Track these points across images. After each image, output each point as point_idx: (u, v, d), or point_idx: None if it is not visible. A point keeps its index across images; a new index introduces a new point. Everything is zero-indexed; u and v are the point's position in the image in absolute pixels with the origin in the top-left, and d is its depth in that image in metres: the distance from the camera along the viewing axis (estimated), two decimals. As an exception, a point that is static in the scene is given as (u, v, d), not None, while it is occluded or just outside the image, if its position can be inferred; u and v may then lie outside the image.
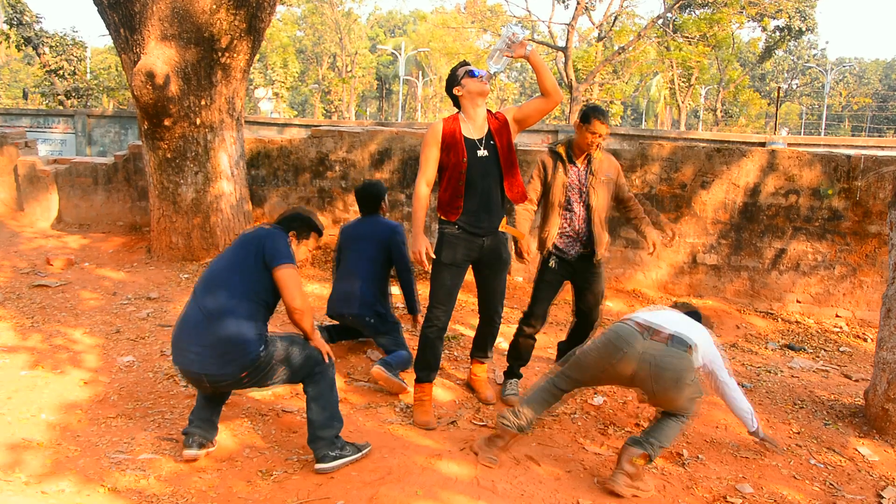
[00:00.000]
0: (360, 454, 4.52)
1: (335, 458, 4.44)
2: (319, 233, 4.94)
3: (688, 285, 9.27)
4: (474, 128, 5.23)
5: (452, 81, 5.27)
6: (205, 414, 4.64)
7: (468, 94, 5.22)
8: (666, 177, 9.18)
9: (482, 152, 5.19)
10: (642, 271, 9.41)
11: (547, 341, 7.34)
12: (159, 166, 9.30)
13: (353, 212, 10.11)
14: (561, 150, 5.83)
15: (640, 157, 9.26)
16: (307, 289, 8.33)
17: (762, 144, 19.28)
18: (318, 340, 4.58)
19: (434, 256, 5.24)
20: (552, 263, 5.89)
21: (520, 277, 9.46)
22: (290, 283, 4.38)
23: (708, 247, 9.17)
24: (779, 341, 8.24)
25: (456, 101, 5.30)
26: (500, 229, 5.33)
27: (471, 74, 5.21)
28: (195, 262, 9.28)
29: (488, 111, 5.33)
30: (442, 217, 5.30)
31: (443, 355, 6.49)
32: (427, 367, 5.44)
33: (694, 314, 5.17)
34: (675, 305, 5.21)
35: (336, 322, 6.69)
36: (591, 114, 5.64)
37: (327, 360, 4.55)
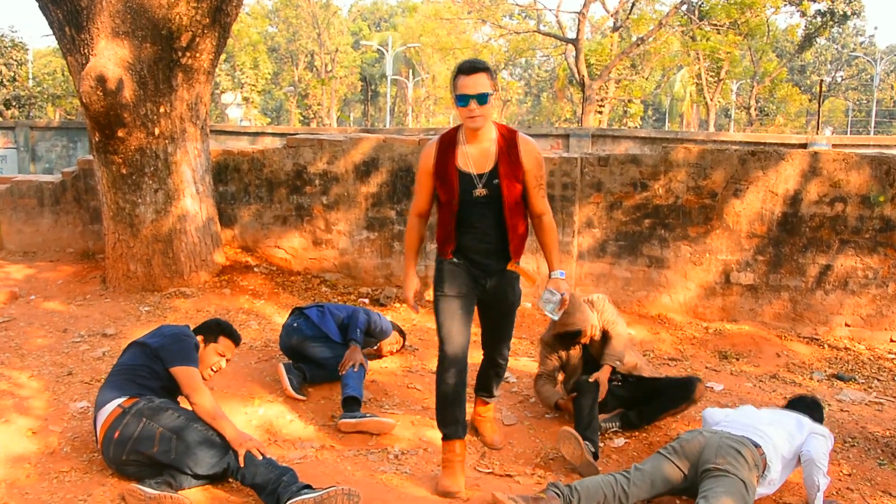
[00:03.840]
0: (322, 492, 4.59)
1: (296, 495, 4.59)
2: (233, 339, 5.61)
3: (720, 308, 9.31)
4: (474, 158, 5.04)
5: (451, 88, 5.03)
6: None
7: (459, 116, 5.00)
8: (693, 185, 9.23)
9: (479, 192, 5.03)
10: (668, 293, 9.45)
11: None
12: (113, 184, 9.29)
13: (335, 231, 10.16)
14: None
15: (663, 163, 9.32)
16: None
17: (803, 146, 19.37)
18: (240, 440, 4.87)
19: (424, 298, 5.11)
20: None
21: (528, 303, 9.49)
22: (189, 382, 5.08)
23: (743, 264, 9.21)
24: (825, 371, 8.27)
25: None
26: (508, 268, 5.25)
27: (458, 100, 4.92)
28: (157, 293, 9.27)
29: (501, 134, 5.09)
30: (438, 251, 5.32)
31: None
32: (454, 422, 5.16)
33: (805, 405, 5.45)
34: (793, 404, 5.51)
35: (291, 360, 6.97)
36: None
37: (254, 457, 4.81)
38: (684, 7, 33.52)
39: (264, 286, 9.53)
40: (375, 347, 7.54)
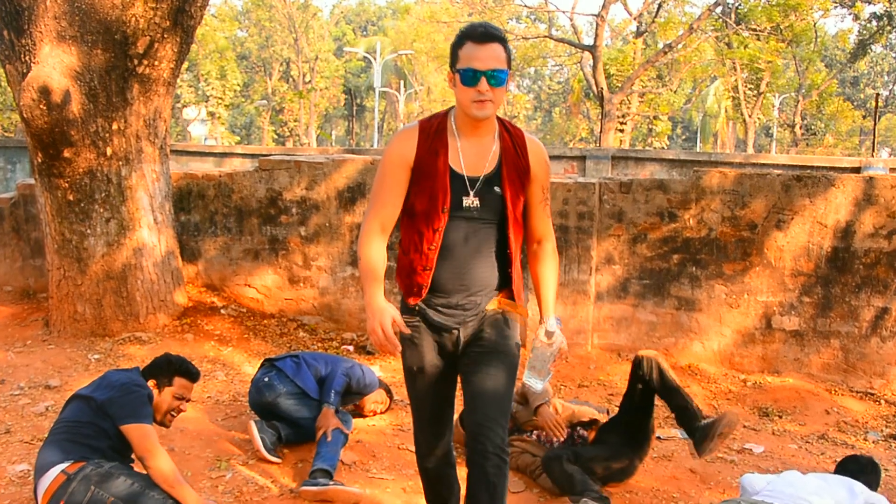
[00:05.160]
0: None
1: None
2: (190, 377, 5.57)
3: (760, 358, 9.33)
4: (468, 156, 4.38)
5: (451, 58, 4.34)
6: None
7: (458, 99, 4.32)
8: (730, 215, 9.27)
9: (471, 201, 4.36)
10: (700, 340, 9.47)
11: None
12: (59, 212, 9.29)
13: (315, 268, 10.19)
14: None
15: (694, 190, 9.36)
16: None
17: (856, 170, 19.42)
18: None
19: (406, 330, 4.39)
20: None
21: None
22: (142, 442, 5.03)
23: (786, 306, 9.24)
24: (882, 430, 8.27)
25: None
26: (489, 308, 4.52)
27: (464, 76, 4.19)
28: (108, 338, 9.26)
29: (504, 129, 4.46)
30: (402, 296, 4.62)
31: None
32: (441, 501, 4.94)
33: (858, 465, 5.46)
34: (845, 466, 5.51)
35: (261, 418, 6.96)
36: None
37: None
38: (719, 9, 33.56)
39: (232, 331, 9.55)
40: (357, 404, 7.52)
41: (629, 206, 9.47)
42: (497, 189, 4.37)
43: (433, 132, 4.38)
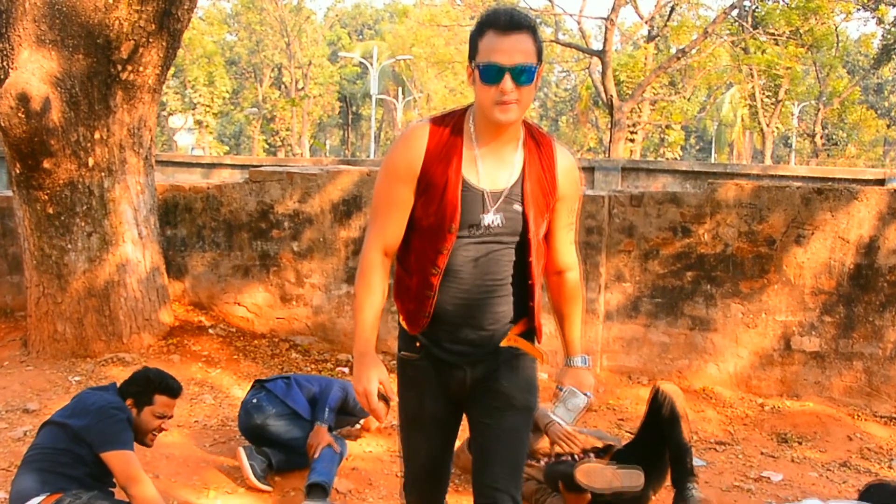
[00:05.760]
0: None
1: None
2: (170, 393, 5.45)
3: (778, 381, 9.32)
4: (489, 167, 3.90)
5: (470, 49, 3.86)
6: None
7: (478, 99, 3.84)
8: (746, 230, 9.28)
9: (490, 220, 3.88)
10: (715, 362, 9.47)
11: None
12: (38, 226, 9.29)
13: (308, 285, 10.18)
14: None
15: (709, 203, 9.37)
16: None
17: (880, 182, 19.45)
18: None
19: (393, 398, 4.11)
20: None
21: (544, 374, 9.47)
22: (124, 470, 4.98)
23: (806, 326, 9.24)
24: (909, 457, 8.28)
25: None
26: (503, 345, 4.08)
27: (484, 73, 3.71)
28: (90, 359, 9.26)
29: (530, 136, 3.98)
30: (401, 321, 4.19)
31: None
32: None
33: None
34: (869, 494, 5.50)
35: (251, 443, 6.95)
36: None
37: None
38: (735, 12, 33.50)
39: (221, 351, 9.55)
40: (358, 426, 7.53)
41: (640, 221, 9.48)
42: (517, 207, 3.87)
43: (447, 135, 3.87)
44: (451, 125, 3.88)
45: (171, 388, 5.45)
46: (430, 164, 3.82)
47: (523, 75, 3.66)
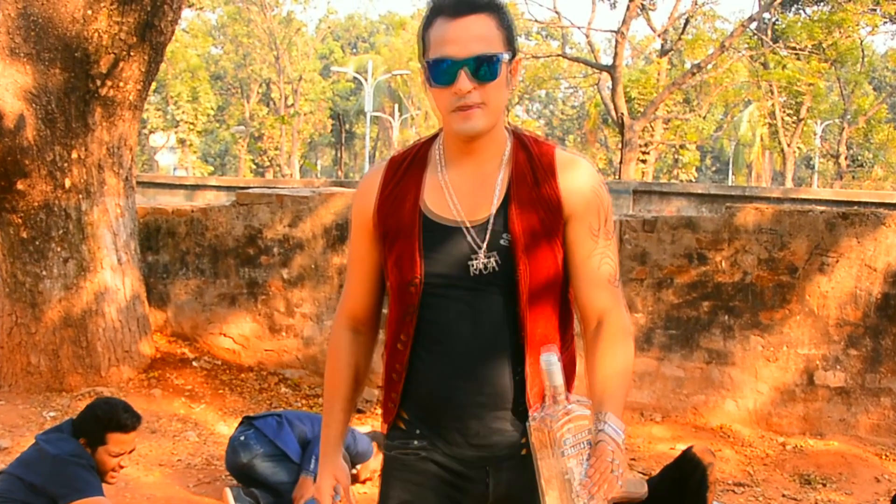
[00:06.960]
0: None
1: None
2: (123, 429, 5.27)
3: (801, 418, 9.30)
4: (464, 192, 3.05)
5: (421, 47, 3.04)
6: None
7: (435, 108, 3.08)
8: (766, 257, 9.27)
9: (481, 262, 2.96)
10: (733, 398, 9.45)
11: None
12: (10, 251, 9.29)
13: (299, 315, 10.17)
14: None
15: (726, 229, 9.36)
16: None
17: (909, 206, 19.47)
18: None
19: None
20: None
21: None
22: None
23: (831, 360, 9.22)
24: (940, 501, 8.26)
25: None
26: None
27: (434, 71, 2.91)
28: (66, 394, 9.24)
29: (520, 144, 3.09)
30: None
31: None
32: None
33: None
34: None
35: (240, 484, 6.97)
36: None
37: None
38: (753, 25, 33.47)
39: (205, 386, 9.54)
40: (353, 472, 7.50)
41: (653, 247, 9.48)
42: (504, 241, 2.98)
43: (404, 168, 3.14)
44: (412, 156, 3.16)
45: (123, 425, 5.24)
46: (382, 207, 3.10)
47: (483, 68, 2.84)
